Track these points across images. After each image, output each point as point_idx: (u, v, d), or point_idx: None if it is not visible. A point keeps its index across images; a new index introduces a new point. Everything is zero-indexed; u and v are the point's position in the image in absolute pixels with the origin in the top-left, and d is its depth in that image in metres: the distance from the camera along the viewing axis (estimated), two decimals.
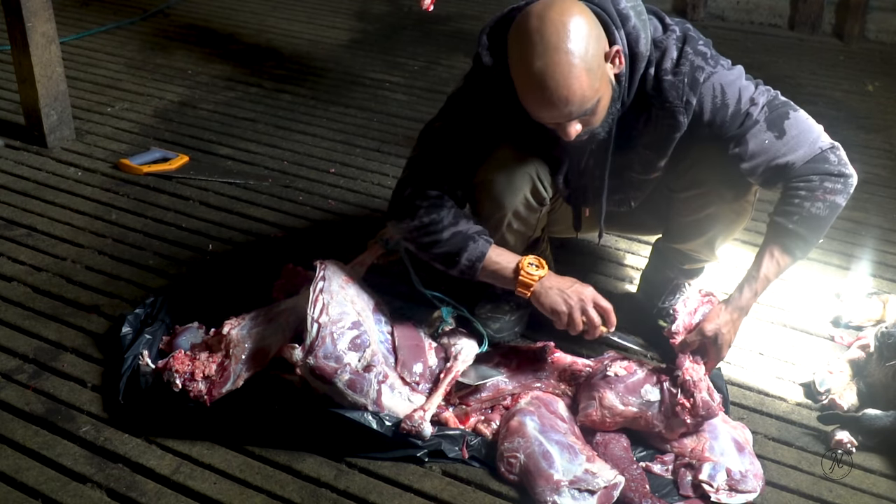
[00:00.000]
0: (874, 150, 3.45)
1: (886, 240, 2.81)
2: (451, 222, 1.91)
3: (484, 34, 1.88)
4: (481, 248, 1.91)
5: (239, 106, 3.72)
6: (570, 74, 1.66)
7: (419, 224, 1.91)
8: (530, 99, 1.73)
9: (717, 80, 1.83)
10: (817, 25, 4.82)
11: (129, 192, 2.99)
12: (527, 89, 1.72)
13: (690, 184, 2.01)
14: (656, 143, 1.92)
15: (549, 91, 1.67)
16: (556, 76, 1.66)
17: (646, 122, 1.90)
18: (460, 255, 1.91)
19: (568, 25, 1.66)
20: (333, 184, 3.09)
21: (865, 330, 2.30)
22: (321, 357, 1.86)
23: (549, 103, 1.70)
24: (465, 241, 1.91)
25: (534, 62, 1.67)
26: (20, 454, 1.90)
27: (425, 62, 4.30)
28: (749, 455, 1.86)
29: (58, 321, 2.32)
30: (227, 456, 1.90)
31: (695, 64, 1.81)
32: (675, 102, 1.82)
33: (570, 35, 1.66)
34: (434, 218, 1.90)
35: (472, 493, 1.83)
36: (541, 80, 1.67)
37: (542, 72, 1.66)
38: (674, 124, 1.86)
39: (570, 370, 2.06)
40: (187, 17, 4.86)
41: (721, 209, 2.02)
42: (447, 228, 1.90)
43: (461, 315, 2.15)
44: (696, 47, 1.83)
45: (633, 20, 1.77)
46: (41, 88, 3.19)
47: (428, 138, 1.97)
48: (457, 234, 1.91)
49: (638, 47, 1.78)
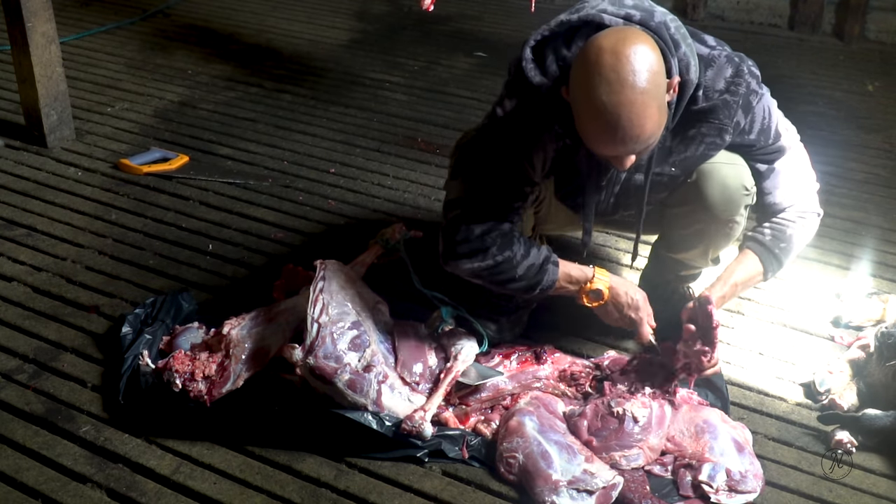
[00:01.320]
0: (874, 150, 3.45)
1: (886, 240, 2.81)
2: (524, 255, 1.89)
3: (528, 47, 1.81)
4: (551, 277, 1.92)
5: (239, 106, 3.72)
6: (644, 114, 1.62)
7: (493, 263, 1.89)
8: (597, 135, 1.68)
9: (765, 101, 1.89)
10: (817, 25, 4.82)
11: (129, 192, 2.99)
12: (595, 125, 1.66)
13: (681, 201, 2.03)
14: (689, 162, 1.93)
15: (623, 130, 1.63)
16: (631, 116, 1.61)
17: (682, 140, 1.88)
18: (535, 288, 1.92)
19: (643, 63, 1.61)
20: (333, 184, 3.09)
21: (865, 330, 2.30)
22: (321, 357, 1.86)
23: (620, 141, 1.65)
24: (539, 275, 1.91)
25: (608, 100, 1.60)
26: (20, 454, 1.90)
27: (425, 62, 4.30)
28: (749, 455, 1.86)
29: (58, 321, 2.32)
30: (227, 456, 1.90)
31: (751, 87, 1.84)
32: (726, 122, 1.84)
33: (645, 73, 1.61)
34: (507, 255, 1.88)
35: (472, 493, 1.83)
36: (614, 118, 1.61)
37: (616, 111, 1.61)
38: (718, 143, 1.88)
39: (569, 370, 2.07)
40: (187, 17, 4.87)
41: (711, 226, 2.04)
42: (521, 264, 1.89)
43: (461, 315, 2.15)
44: (749, 68, 1.85)
45: (683, 46, 1.74)
46: (41, 88, 3.19)
47: (484, 166, 1.90)
48: (531, 268, 1.90)
49: (689, 74, 1.75)
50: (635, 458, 1.87)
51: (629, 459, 1.86)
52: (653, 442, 1.89)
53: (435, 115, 3.68)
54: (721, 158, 1.94)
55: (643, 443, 1.87)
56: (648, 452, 1.88)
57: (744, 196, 1.97)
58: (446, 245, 1.92)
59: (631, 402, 1.92)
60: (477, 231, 1.87)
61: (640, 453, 1.87)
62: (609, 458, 1.86)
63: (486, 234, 1.87)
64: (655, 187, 1.98)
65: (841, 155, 3.30)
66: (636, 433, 1.87)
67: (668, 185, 1.99)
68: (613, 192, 2.02)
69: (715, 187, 1.95)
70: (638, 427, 1.88)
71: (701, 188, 1.96)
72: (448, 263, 1.93)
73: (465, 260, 1.90)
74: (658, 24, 1.72)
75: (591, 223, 2.04)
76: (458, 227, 1.89)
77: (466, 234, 1.88)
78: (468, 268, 1.90)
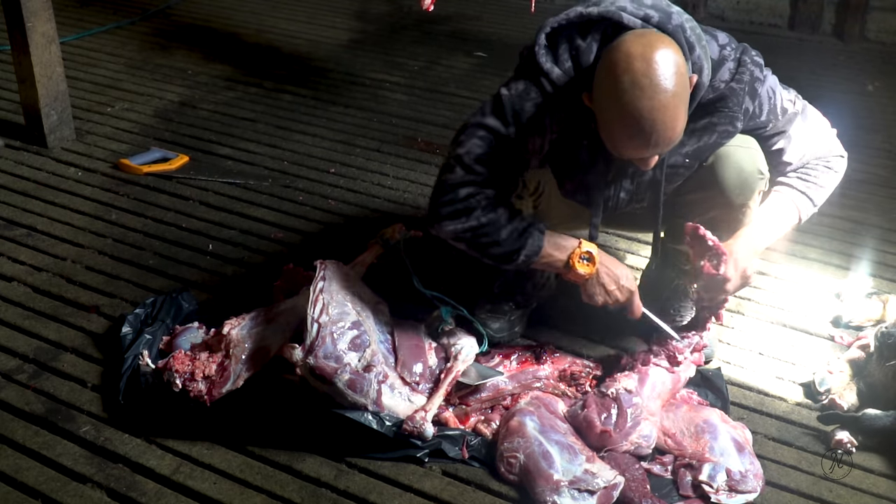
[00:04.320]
0: (874, 150, 3.45)
1: (886, 240, 2.81)
2: (507, 219, 1.88)
3: (543, 33, 1.84)
4: (536, 243, 1.89)
5: (239, 106, 3.72)
6: (676, 116, 1.66)
7: (476, 224, 1.87)
8: (629, 139, 1.70)
9: (769, 84, 1.92)
10: (817, 25, 4.82)
11: (129, 192, 2.99)
12: (629, 131, 1.68)
13: (696, 187, 2.02)
14: (701, 151, 1.94)
15: (657, 134, 1.66)
16: (665, 119, 1.65)
17: (693, 131, 1.89)
18: (518, 254, 1.90)
19: (672, 67, 1.64)
20: (333, 184, 3.09)
21: (865, 330, 2.30)
22: (321, 357, 1.86)
23: (654, 144, 1.68)
24: (522, 239, 1.88)
25: (643, 105, 1.63)
26: (20, 454, 1.90)
27: (425, 62, 4.30)
28: (749, 455, 1.86)
29: (58, 321, 2.32)
30: (227, 456, 1.90)
31: (754, 74, 1.88)
32: (736, 109, 1.87)
33: (675, 77, 1.64)
34: (491, 217, 1.87)
35: (472, 493, 1.83)
36: (649, 123, 1.65)
37: (651, 115, 1.64)
38: (731, 131, 1.90)
39: (569, 370, 2.07)
40: (187, 17, 4.87)
41: (724, 212, 2.03)
42: (504, 227, 1.88)
43: (461, 315, 2.15)
44: (752, 57, 1.88)
45: (697, 49, 1.77)
46: (41, 88, 3.19)
47: (479, 136, 1.89)
48: (514, 232, 1.88)
49: (701, 76, 1.78)
50: (650, 432, 1.89)
51: (646, 436, 1.89)
52: (651, 406, 1.92)
53: (435, 115, 3.68)
54: (735, 142, 1.95)
55: (644, 412, 1.90)
56: (651, 418, 1.90)
57: (759, 180, 1.98)
58: (431, 205, 1.92)
59: (617, 379, 1.96)
60: (462, 193, 1.88)
61: (650, 426, 1.89)
62: (630, 444, 1.87)
63: (471, 196, 1.87)
64: (670, 178, 1.99)
65: None
66: (636, 404, 1.90)
67: (682, 175, 2.01)
68: (623, 187, 2.02)
69: (731, 169, 1.96)
70: (634, 398, 1.91)
71: (717, 171, 1.97)
72: (433, 226, 1.93)
73: (449, 221, 1.89)
74: (675, 27, 1.75)
75: (598, 217, 2.03)
76: (444, 188, 1.90)
77: (452, 195, 1.88)
78: (451, 229, 1.89)
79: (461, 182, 1.88)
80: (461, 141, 1.90)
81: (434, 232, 1.94)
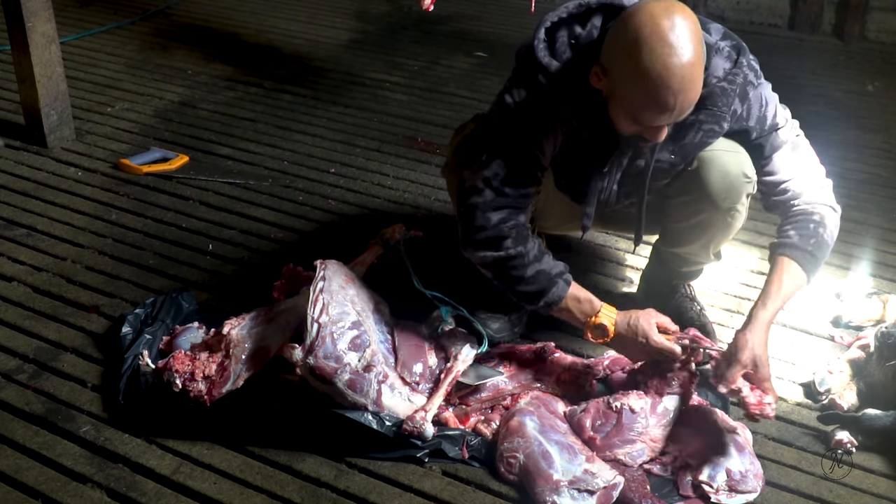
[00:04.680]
0: (874, 150, 3.45)
1: (886, 240, 2.81)
2: (536, 257, 1.89)
3: (543, 28, 1.84)
4: (559, 293, 1.90)
5: (239, 106, 3.72)
6: (699, 79, 1.68)
7: (505, 256, 1.89)
8: (651, 102, 1.68)
9: (762, 91, 1.91)
10: (817, 25, 4.82)
11: (129, 192, 2.99)
12: (651, 92, 1.66)
13: (682, 190, 2.03)
14: (686, 149, 1.93)
15: (683, 94, 1.65)
16: (693, 79, 1.65)
17: (680, 127, 1.89)
18: (540, 297, 1.91)
19: (694, 27, 1.65)
20: (333, 184, 3.09)
21: (865, 330, 2.30)
22: (321, 357, 1.86)
23: (679, 106, 1.67)
24: (547, 284, 1.90)
25: (675, 62, 1.62)
26: (20, 454, 1.90)
27: (425, 62, 4.30)
28: (749, 455, 1.86)
29: (58, 321, 2.32)
30: (227, 456, 1.90)
31: (748, 78, 1.86)
32: (724, 109, 1.86)
33: (697, 39, 1.65)
34: (521, 251, 1.88)
35: (472, 493, 1.83)
36: (677, 80, 1.63)
37: (680, 73, 1.63)
38: (716, 130, 1.89)
39: (570, 370, 2.06)
40: (187, 17, 4.86)
41: (713, 216, 2.03)
42: (532, 264, 1.89)
43: (461, 315, 2.15)
44: (748, 61, 1.87)
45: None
46: (41, 88, 3.19)
47: (503, 156, 1.88)
48: (540, 274, 1.89)
49: None
50: (639, 453, 1.87)
51: (633, 456, 1.86)
52: (655, 433, 1.89)
53: (435, 115, 3.68)
54: (721, 146, 1.94)
55: (644, 436, 1.87)
56: (652, 444, 1.88)
57: (745, 183, 1.97)
58: (464, 231, 1.93)
59: (628, 396, 1.92)
60: (494, 219, 1.88)
61: (644, 448, 1.87)
62: (613, 456, 1.86)
63: (502, 223, 1.88)
64: (656, 174, 1.98)
65: (841, 155, 3.29)
66: (636, 426, 1.88)
67: (668, 172, 1.99)
68: (616, 180, 2.01)
69: (716, 174, 1.95)
70: (638, 420, 1.88)
71: (702, 176, 1.97)
72: (466, 249, 1.95)
73: (481, 249, 1.91)
74: None
75: (592, 207, 2.02)
76: (474, 213, 1.90)
77: (484, 221, 1.89)
78: (482, 256, 1.91)
79: (492, 207, 1.88)
80: (486, 162, 1.89)
81: (466, 255, 1.97)
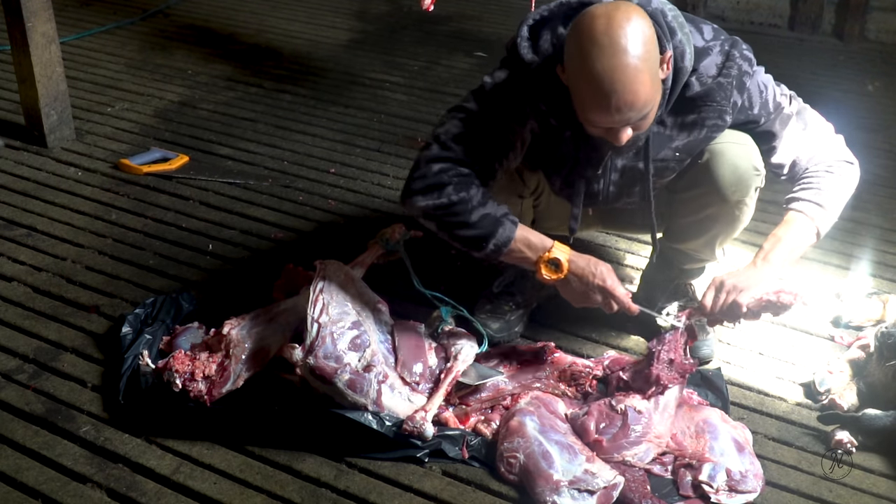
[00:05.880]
0: (874, 150, 3.44)
1: (886, 240, 2.81)
2: (480, 202, 1.84)
3: (525, 25, 1.85)
4: (507, 234, 1.85)
5: (239, 106, 3.72)
6: (637, 79, 1.64)
7: (447, 202, 1.83)
8: (591, 102, 1.69)
9: (758, 78, 1.92)
10: (817, 25, 4.81)
11: (129, 192, 2.99)
12: (589, 92, 1.67)
13: (691, 184, 2.02)
14: (692, 146, 1.93)
15: (617, 95, 1.64)
16: (624, 80, 1.63)
17: (682, 126, 1.89)
18: (488, 241, 1.85)
19: (636, 29, 1.63)
20: (333, 184, 3.09)
21: (865, 330, 2.30)
22: (321, 357, 1.86)
23: (615, 108, 1.66)
24: (494, 226, 1.84)
25: (600, 64, 1.62)
26: (20, 454, 1.90)
27: (425, 62, 4.30)
28: (749, 455, 1.86)
29: (58, 321, 2.32)
30: (227, 456, 1.90)
31: (742, 68, 1.86)
32: (724, 103, 1.87)
33: (638, 39, 1.63)
34: (463, 196, 1.83)
35: (472, 493, 1.83)
36: (608, 83, 1.63)
37: (609, 75, 1.62)
38: (720, 125, 1.90)
39: (570, 370, 2.06)
40: (187, 17, 4.86)
41: (721, 210, 2.02)
42: (476, 209, 1.83)
43: (461, 315, 2.15)
44: (741, 52, 1.87)
45: (679, 34, 1.77)
46: (41, 88, 3.19)
47: (459, 118, 1.89)
48: (486, 217, 1.84)
49: (683, 61, 1.77)
50: (645, 453, 1.87)
51: (640, 457, 1.86)
52: (660, 429, 1.89)
53: (435, 115, 3.68)
54: (730, 138, 1.95)
55: (649, 434, 1.87)
56: (656, 441, 1.88)
57: (754, 176, 1.97)
58: (406, 182, 1.90)
59: (630, 396, 1.92)
60: (435, 168, 1.85)
61: (650, 447, 1.87)
62: (621, 458, 1.86)
63: (443, 172, 1.84)
64: (662, 172, 1.98)
65: None
66: (642, 426, 1.88)
67: (673, 170, 2.00)
68: (612, 180, 2.01)
69: (726, 167, 1.95)
70: (643, 419, 1.88)
71: (712, 168, 1.96)
72: (404, 202, 1.91)
73: (420, 196, 1.86)
74: (654, 9, 1.75)
75: (579, 209, 2.02)
76: (418, 164, 1.89)
77: (426, 170, 1.86)
78: (422, 205, 1.86)
79: (436, 158, 1.86)
80: (441, 122, 1.91)
81: (406, 209, 1.91)
